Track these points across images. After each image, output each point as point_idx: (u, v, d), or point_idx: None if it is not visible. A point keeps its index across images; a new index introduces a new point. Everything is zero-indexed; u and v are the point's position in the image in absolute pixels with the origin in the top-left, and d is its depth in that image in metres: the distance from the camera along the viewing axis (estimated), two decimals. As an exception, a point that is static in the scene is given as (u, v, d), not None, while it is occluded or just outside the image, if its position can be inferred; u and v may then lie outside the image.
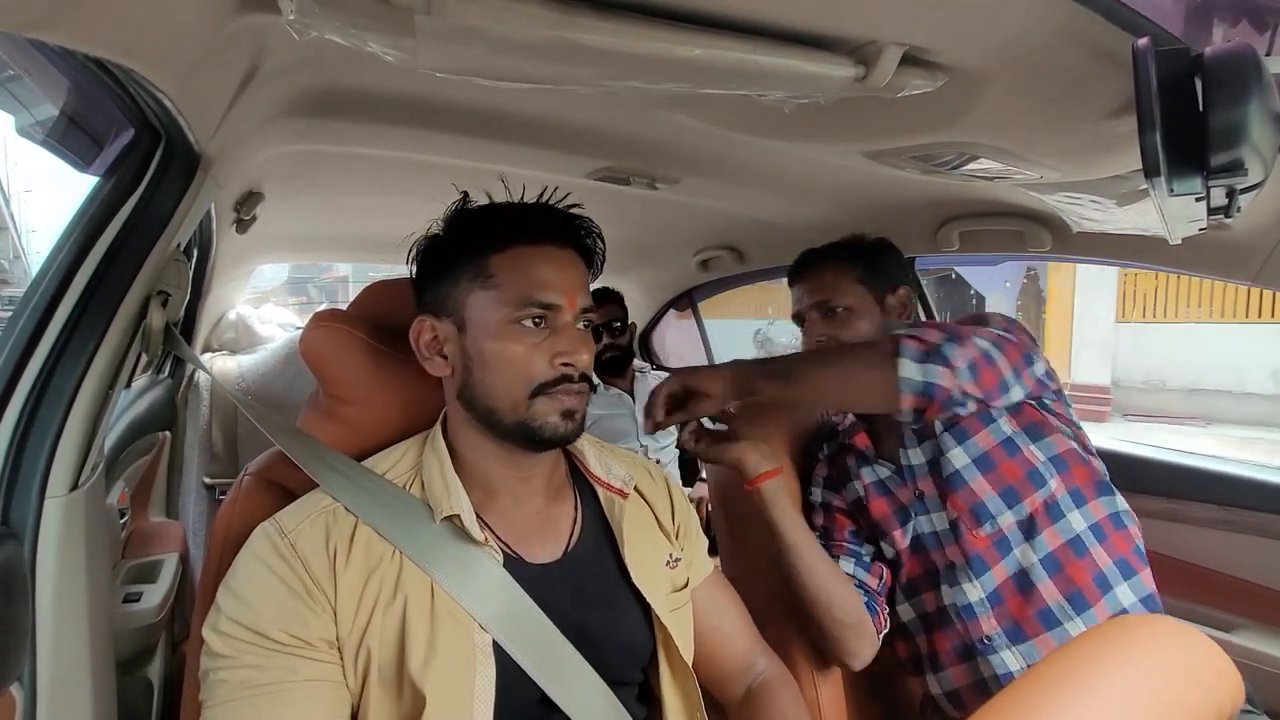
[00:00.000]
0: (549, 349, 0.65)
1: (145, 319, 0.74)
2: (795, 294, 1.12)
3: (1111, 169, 0.88)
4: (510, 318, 0.65)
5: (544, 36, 0.57)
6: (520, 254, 0.66)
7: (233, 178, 1.03)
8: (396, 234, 0.74)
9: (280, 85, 0.83)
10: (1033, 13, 0.60)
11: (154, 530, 1.44)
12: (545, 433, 0.65)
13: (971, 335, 0.82)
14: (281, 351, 2.07)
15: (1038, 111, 0.77)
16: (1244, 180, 0.59)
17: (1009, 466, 0.90)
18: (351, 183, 1.47)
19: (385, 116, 1.02)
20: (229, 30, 0.62)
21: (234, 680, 0.56)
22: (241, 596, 0.59)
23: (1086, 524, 0.88)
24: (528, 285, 0.65)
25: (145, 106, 0.67)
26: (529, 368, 0.65)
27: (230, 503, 0.71)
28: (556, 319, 0.66)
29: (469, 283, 0.66)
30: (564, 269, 0.67)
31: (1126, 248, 1.21)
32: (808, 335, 1.10)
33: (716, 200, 1.55)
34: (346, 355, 0.73)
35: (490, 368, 0.65)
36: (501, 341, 0.65)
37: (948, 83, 0.70)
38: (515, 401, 0.65)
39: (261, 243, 1.85)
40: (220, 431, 1.92)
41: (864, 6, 0.60)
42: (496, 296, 0.65)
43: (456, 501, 0.65)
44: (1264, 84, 0.56)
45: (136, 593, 1.12)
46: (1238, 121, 0.56)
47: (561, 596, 0.67)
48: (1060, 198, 1.06)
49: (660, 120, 1.01)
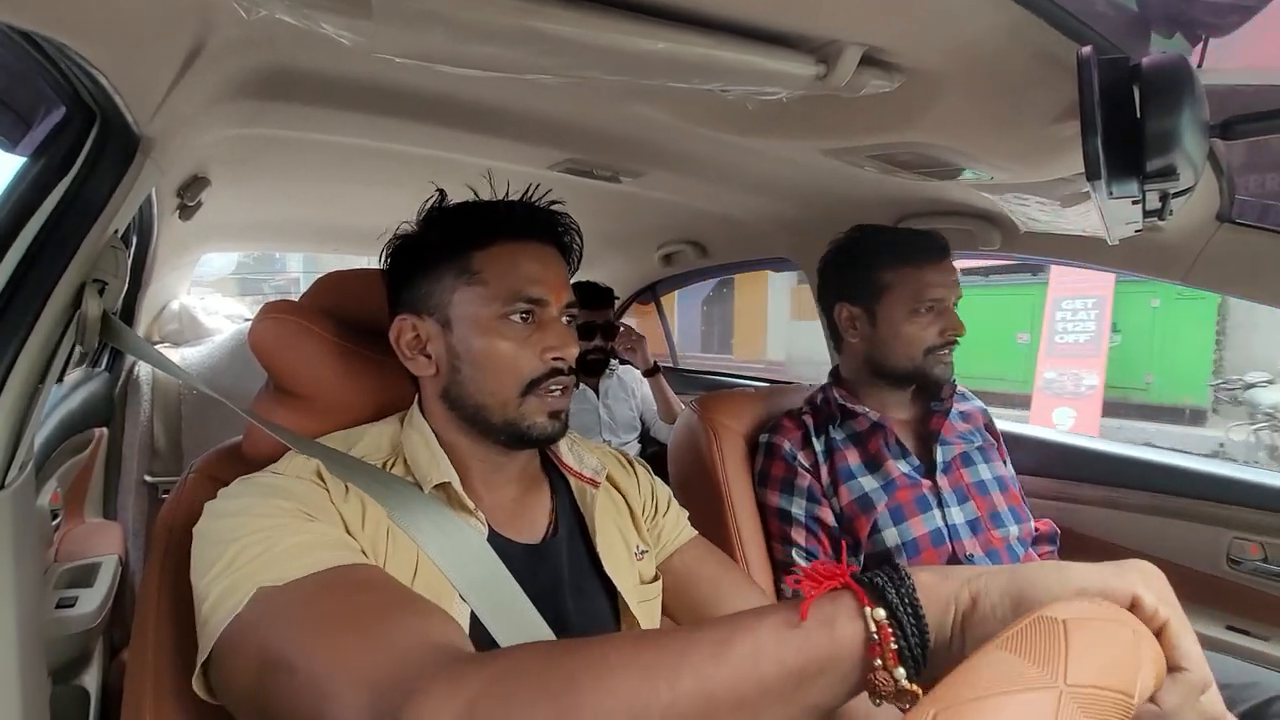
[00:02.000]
0: (538, 344, 0.65)
1: (80, 309, 0.70)
2: (930, 278, 1.06)
3: (1056, 171, 0.92)
4: (499, 313, 0.64)
5: (505, 24, 0.56)
6: (506, 250, 0.66)
7: (175, 161, 0.99)
8: (351, 223, 0.72)
9: (227, 65, 0.80)
10: (985, 18, 0.61)
11: (90, 531, 1.37)
12: (533, 433, 0.66)
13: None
14: (229, 344, 1.99)
15: (989, 114, 0.80)
16: (1176, 185, 0.63)
17: (1012, 494, 1.13)
18: (303, 170, 1.42)
19: (339, 101, 0.98)
20: (172, 6, 0.59)
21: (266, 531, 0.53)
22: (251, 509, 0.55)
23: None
24: (515, 280, 0.65)
25: (79, 84, 0.63)
26: (519, 363, 0.65)
27: (174, 501, 0.68)
28: (543, 314, 0.66)
29: (453, 280, 0.65)
30: (548, 264, 0.67)
31: (1070, 247, 1.27)
32: (939, 328, 1.06)
33: (679, 194, 1.56)
34: (298, 347, 0.71)
35: (480, 364, 0.65)
36: (490, 337, 0.64)
37: (905, 84, 0.72)
38: (505, 399, 0.65)
39: (207, 230, 1.77)
40: (163, 427, 1.84)
41: (825, 7, 0.61)
42: (484, 293, 0.64)
43: (445, 470, 0.64)
44: (1196, 94, 0.60)
45: (71, 598, 1.06)
46: (1171, 129, 0.59)
47: (540, 578, 0.67)
48: (1009, 198, 1.10)
49: (624, 113, 1.00)
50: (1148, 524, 1.30)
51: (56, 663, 0.99)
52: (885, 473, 1.07)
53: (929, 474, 1.09)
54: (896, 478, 1.07)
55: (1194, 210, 1.00)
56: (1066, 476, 1.41)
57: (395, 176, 1.40)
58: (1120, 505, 1.34)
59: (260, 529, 0.52)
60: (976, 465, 1.12)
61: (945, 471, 1.09)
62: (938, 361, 1.07)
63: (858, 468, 1.09)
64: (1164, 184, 0.62)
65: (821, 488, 1.08)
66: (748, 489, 1.15)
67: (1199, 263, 1.10)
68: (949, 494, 1.07)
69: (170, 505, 0.67)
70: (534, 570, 0.67)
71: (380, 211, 0.70)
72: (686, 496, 1.15)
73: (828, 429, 1.12)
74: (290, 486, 0.58)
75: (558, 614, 0.65)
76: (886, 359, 1.10)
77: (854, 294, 1.12)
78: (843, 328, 1.14)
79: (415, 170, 1.33)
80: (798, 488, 1.08)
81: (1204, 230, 1.06)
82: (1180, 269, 1.13)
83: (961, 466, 1.11)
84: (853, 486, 1.07)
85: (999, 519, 1.08)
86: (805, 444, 1.11)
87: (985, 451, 1.14)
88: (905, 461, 1.09)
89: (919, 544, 1.03)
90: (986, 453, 1.14)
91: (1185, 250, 1.10)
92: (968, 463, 1.11)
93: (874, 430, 1.10)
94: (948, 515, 1.05)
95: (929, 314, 1.06)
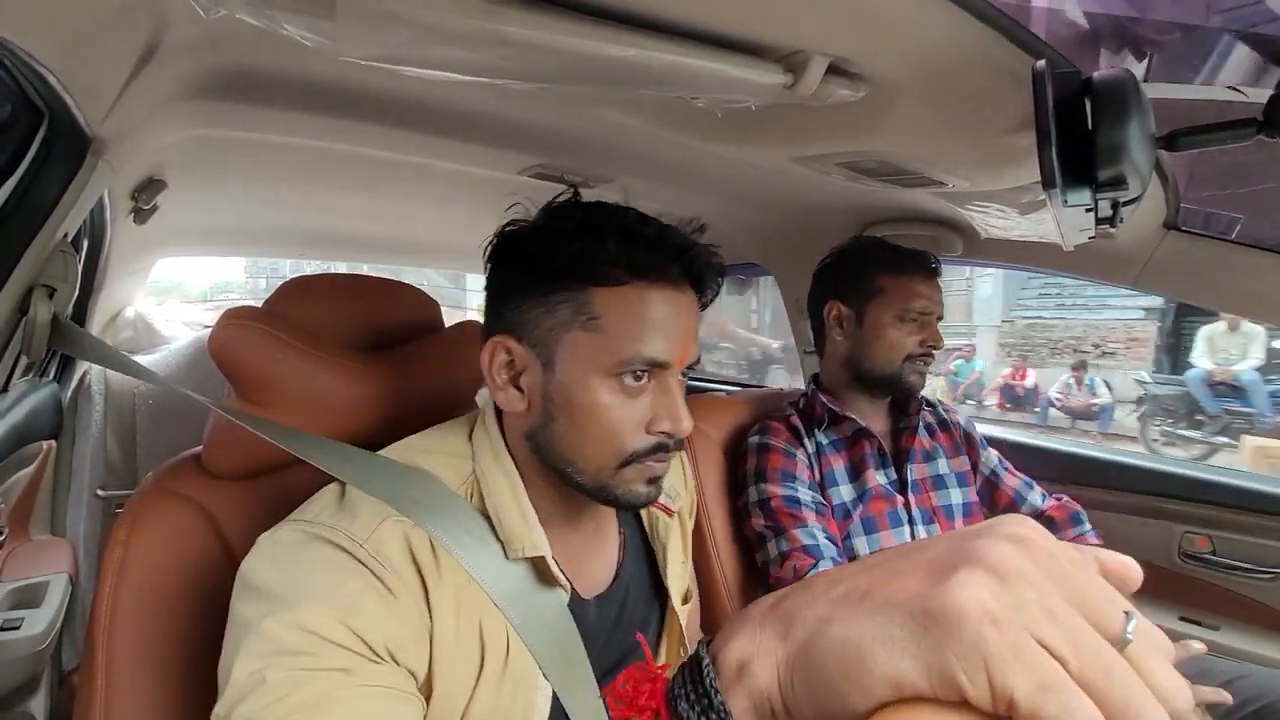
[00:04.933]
0: (649, 412, 0.57)
1: (28, 314, 0.67)
2: (920, 289, 1.10)
3: (1014, 180, 0.95)
4: (611, 371, 0.56)
5: (472, 27, 0.55)
6: (633, 294, 0.56)
7: (130, 163, 0.95)
8: (315, 228, 0.70)
9: (185, 64, 0.77)
10: (944, 31, 0.63)
11: (37, 549, 1.31)
12: (627, 499, 0.58)
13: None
14: (187, 351, 1.92)
15: (949, 124, 0.82)
16: (1125, 194, 0.65)
17: (977, 519, 1.15)
18: (265, 173, 1.38)
19: (302, 103, 0.96)
20: (124, 2, 0.57)
21: (322, 680, 0.45)
22: (315, 593, 0.47)
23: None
24: (637, 337, 0.55)
25: (24, 82, 0.60)
26: (623, 434, 0.56)
27: (129, 516, 0.65)
28: (662, 377, 0.58)
29: (569, 318, 0.56)
30: (679, 318, 0.58)
31: (1027, 253, 1.31)
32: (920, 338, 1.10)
33: (650, 200, 1.56)
34: (262, 355, 0.69)
35: (577, 423, 0.56)
36: (596, 396, 0.56)
37: (869, 93, 0.73)
38: (600, 467, 0.57)
39: (164, 234, 1.71)
40: (116, 438, 1.77)
41: (791, 17, 0.62)
42: (598, 342, 0.55)
43: (540, 541, 0.57)
44: (1143, 107, 0.62)
45: (16, 619, 1.01)
46: (1120, 141, 0.61)
47: (604, 626, 0.63)
48: (971, 206, 1.14)
49: (594, 118, 1.00)
50: (1102, 519, 1.34)
51: (0, 689, 0.94)
52: (864, 481, 1.10)
53: (902, 489, 1.12)
54: (873, 487, 1.09)
55: (1143, 218, 1.05)
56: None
57: (361, 181, 1.37)
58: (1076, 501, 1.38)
59: (305, 671, 0.44)
60: (948, 489, 1.15)
61: (915, 490, 1.12)
62: (914, 370, 1.11)
63: (840, 474, 1.11)
64: (1114, 193, 0.64)
65: (815, 482, 1.10)
66: (722, 493, 1.15)
67: (1148, 268, 1.14)
68: (918, 512, 1.10)
69: (124, 521, 0.65)
70: (601, 619, 0.63)
71: (345, 216, 0.69)
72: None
73: (815, 432, 1.14)
74: (368, 582, 0.48)
75: (617, 658, 0.62)
76: (865, 360, 1.12)
77: (847, 294, 1.15)
78: (829, 326, 1.17)
79: (381, 174, 1.31)
80: (800, 479, 1.08)
81: (1153, 237, 1.11)
82: (1131, 273, 1.17)
83: (931, 489, 1.14)
84: (834, 493, 1.09)
85: None
86: (798, 443, 1.12)
87: (960, 475, 1.18)
88: (883, 473, 1.11)
89: None
90: (961, 475, 1.18)
91: (1136, 256, 1.15)
92: (939, 485, 1.15)
93: (858, 437, 1.13)
94: (915, 533, 1.09)
95: (912, 323, 1.10)
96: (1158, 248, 1.12)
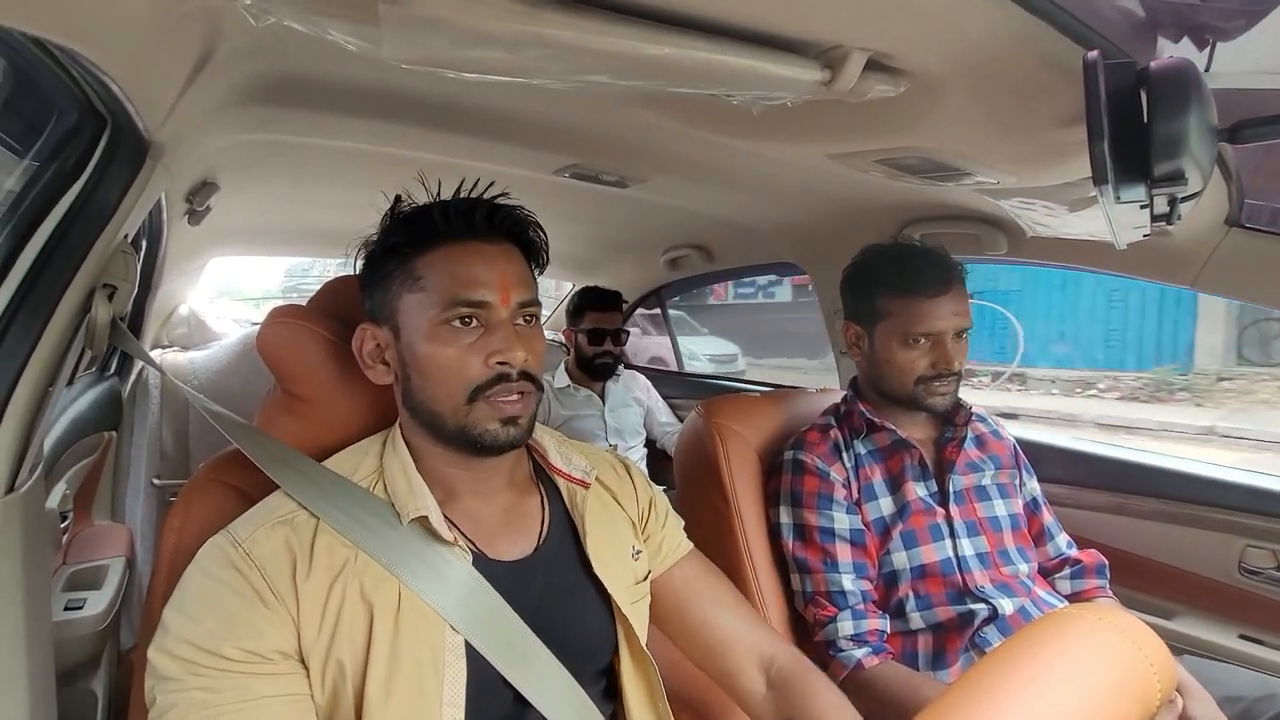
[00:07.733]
0: (482, 348, 0.63)
1: (90, 313, 0.71)
2: (926, 309, 1.03)
3: (1062, 176, 0.92)
4: (439, 319, 0.63)
5: (511, 29, 0.56)
6: (446, 253, 0.64)
7: (185, 166, 1.00)
8: (358, 228, 0.72)
9: (236, 72, 0.81)
10: (989, 22, 0.61)
11: (98, 534, 1.38)
12: (485, 440, 0.64)
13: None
14: (236, 347, 2.00)
15: (994, 119, 0.80)
16: (1184, 189, 0.62)
17: (1022, 534, 1.11)
18: (311, 175, 1.43)
19: (346, 107, 0.99)
20: (181, 13, 0.60)
21: (184, 704, 0.53)
22: (189, 613, 0.56)
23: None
24: (453, 284, 0.63)
25: (90, 90, 0.64)
26: (462, 370, 0.63)
27: (182, 504, 0.68)
28: (489, 317, 0.64)
29: (399, 287, 0.65)
30: (493, 264, 0.65)
31: (1077, 252, 1.26)
32: (931, 360, 1.04)
33: (685, 199, 1.56)
34: (305, 352, 0.71)
35: (426, 372, 0.64)
36: (433, 344, 0.63)
37: (910, 88, 0.72)
38: (454, 406, 0.64)
39: (215, 235, 1.79)
40: (171, 430, 1.85)
41: (829, 12, 0.61)
42: (424, 299, 0.64)
43: (423, 502, 0.64)
44: (1203, 98, 0.59)
45: (79, 600, 1.07)
46: (1179, 133, 0.58)
47: (532, 593, 0.66)
48: (1015, 203, 1.10)
49: (629, 118, 1.01)
50: (1157, 530, 1.28)
51: (65, 666, 1.00)
52: (903, 495, 1.06)
53: (943, 502, 1.07)
54: (912, 501, 1.05)
55: (1203, 215, 1.00)
56: (1072, 482, 1.39)
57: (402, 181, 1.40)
58: (1128, 512, 1.32)
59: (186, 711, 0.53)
60: (992, 500, 1.11)
61: (959, 502, 1.08)
62: (930, 393, 1.05)
63: (879, 486, 1.08)
64: (1172, 188, 0.62)
65: (852, 501, 1.08)
66: (755, 494, 1.14)
67: (1208, 267, 1.09)
68: (960, 525, 1.06)
69: (178, 510, 0.68)
70: (525, 585, 0.66)
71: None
72: (692, 502, 1.15)
73: (854, 443, 1.11)
74: (242, 590, 0.57)
75: (550, 624, 0.65)
76: (882, 382, 1.10)
77: (857, 314, 1.12)
78: (849, 344, 1.15)
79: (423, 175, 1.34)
80: (836, 501, 1.06)
81: (1213, 235, 1.06)
82: (1189, 274, 1.12)
83: (975, 500, 1.09)
84: (873, 507, 1.07)
85: (1007, 556, 1.07)
86: (835, 457, 1.09)
87: (1002, 486, 1.13)
88: (923, 485, 1.08)
89: (926, 570, 1.02)
90: (1004, 488, 1.13)
91: (1194, 255, 1.09)
92: (982, 497, 1.10)
93: (896, 448, 1.09)
94: (959, 546, 1.04)
95: (920, 346, 1.05)
96: (1219, 246, 1.06)
